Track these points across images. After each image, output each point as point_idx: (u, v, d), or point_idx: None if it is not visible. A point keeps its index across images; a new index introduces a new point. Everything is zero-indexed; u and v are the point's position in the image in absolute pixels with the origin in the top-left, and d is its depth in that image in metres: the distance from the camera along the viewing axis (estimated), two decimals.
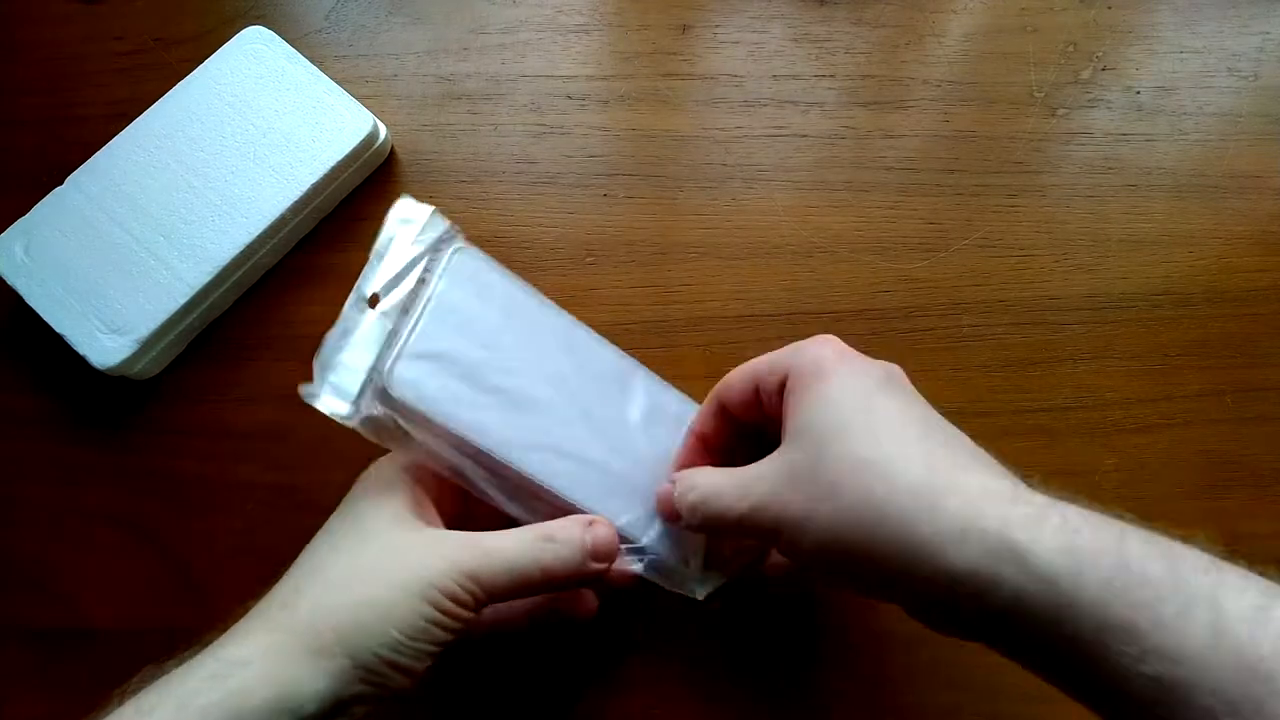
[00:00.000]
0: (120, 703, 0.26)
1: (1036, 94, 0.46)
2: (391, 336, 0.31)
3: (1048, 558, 0.23)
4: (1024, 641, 0.24)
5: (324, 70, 0.43)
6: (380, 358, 0.31)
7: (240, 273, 0.41)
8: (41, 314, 0.39)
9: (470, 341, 0.32)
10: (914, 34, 0.47)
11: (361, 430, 0.30)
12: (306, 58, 0.44)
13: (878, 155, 0.45)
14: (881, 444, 0.26)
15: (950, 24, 0.48)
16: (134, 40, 0.47)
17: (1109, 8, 0.48)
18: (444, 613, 0.27)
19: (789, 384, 0.29)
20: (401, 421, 0.30)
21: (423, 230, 0.34)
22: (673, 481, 0.32)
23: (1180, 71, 0.46)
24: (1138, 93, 0.46)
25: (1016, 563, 0.23)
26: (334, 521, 0.30)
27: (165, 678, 0.26)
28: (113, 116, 0.43)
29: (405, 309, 0.32)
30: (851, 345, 0.42)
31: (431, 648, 0.27)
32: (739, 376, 0.32)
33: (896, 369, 0.30)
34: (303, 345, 0.42)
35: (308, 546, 0.30)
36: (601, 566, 0.30)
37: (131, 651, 0.38)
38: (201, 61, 0.43)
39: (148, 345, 0.40)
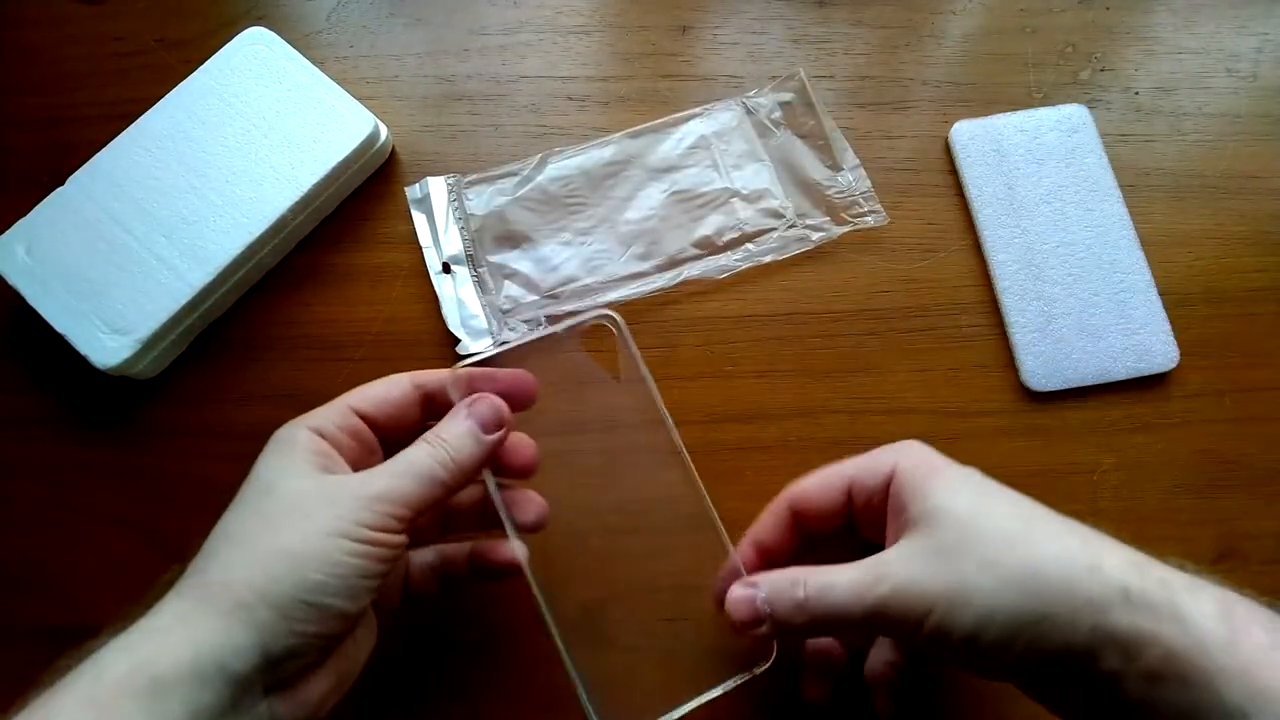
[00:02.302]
0: (48, 684, 0.26)
1: (1035, 94, 0.46)
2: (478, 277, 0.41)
3: (1207, 623, 0.24)
4: (1163, 708, 0.24)
5: (325, 71, 0.43)
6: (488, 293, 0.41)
7: (242, 273, 0.42)
8: (43, 314, 0.39)
9: None
10: (913, 34, 0.47)
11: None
12: (307, 58, 0.44)
13: (877, 156, 0.45)
14: (1022, 517, 0.28)
15: (949, 25, 0.48)
16: (135, 41, 0.47)
17: (1107, 9, 0.48)
18: (365, 542, 0.27)
19: (899, 478, 0.30)
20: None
21: (432, 195, 0.43)
22: (751, 584, 0.30)
23: (1179, 72, 0.47)
24: (1136, 93, 0.46)
25: (1177, 624, 0.24)
26: (243, 487, 0.30)
27: (85, 656, 0.26)
28: (114, 117, 0.43)
29: (469, 255, 0.42)
30: (851, 345, 0.43)
31: (366, 581, 0.27)
32: (821, 483, 0.32)
33: None
34: (304, 345, 0.42)
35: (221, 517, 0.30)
36: (496, 436, 0.31)
37: None
38: (203, 62, 0.44)
39: (149, 345, 0.40)
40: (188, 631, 0.25)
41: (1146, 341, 0.42)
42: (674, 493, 0.35)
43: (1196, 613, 0.24)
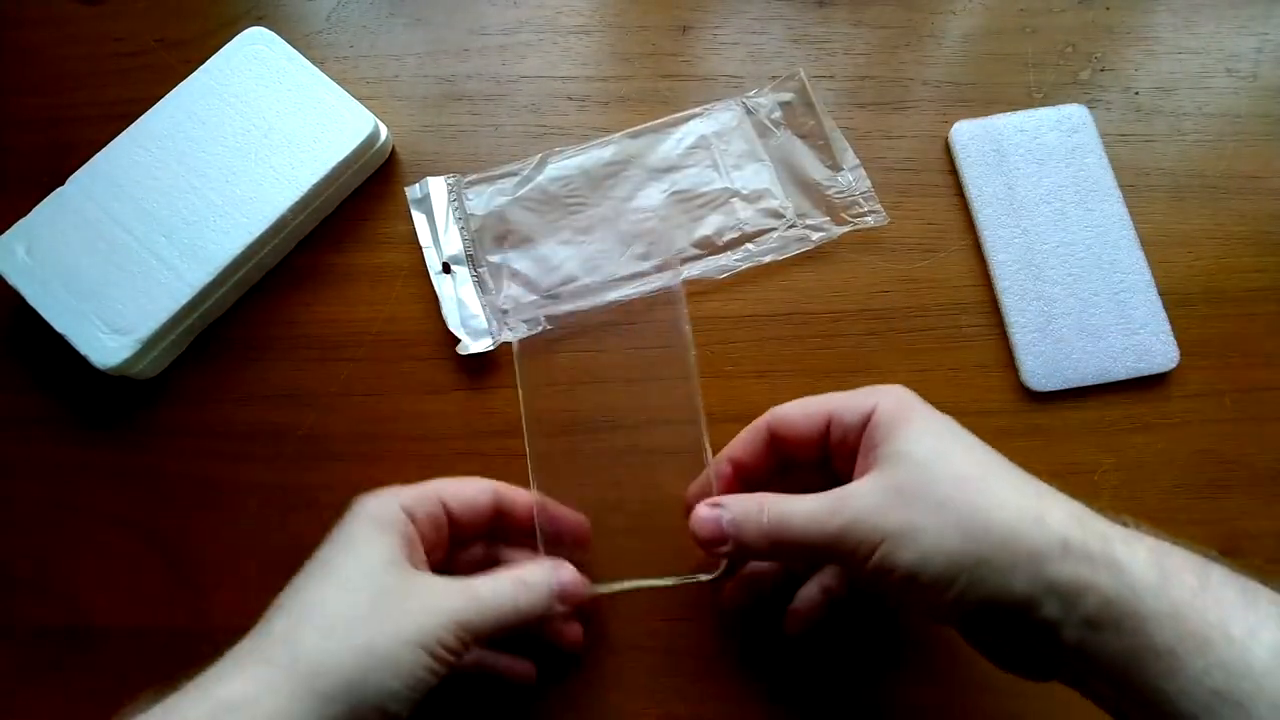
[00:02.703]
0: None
1: (1035, 94, 0.46)
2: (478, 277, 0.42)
3: (1141, 571, 0.26)
4: (1098, 653, 0.26)
5: (325, 71, 0.44)
6: (488, 293, 0.42)
7: (241, 273, 0.42)
8: (43, 314, 0.39)
9: None
10: (913, 35, 0.47)
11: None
12: (307, 58, 0.44)
13: (877, 156, 0.45)
14: (981, 466, 0.29)
15: (949, 25, 0.48)
16: (135, 41, 0.47)
17: (1107, 9, 0.48)
18: (439, 660, 0.28)
19: (876, 418, 0.31)
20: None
21: (432, 195, 0.43)
22: (717, 504, 0.32)
23: (1178, 72, 0.47)
24: (1136, 93, 0.46)
25: (1113, 573, 0.26)
26: (329, 552, 0.30)
27: (162, 711, 0.26)
28: (114, 117, 0.43)
29: (469, 254, 0.42)
30: (851, 345, 0.43)
31: (420, 694, 0.28)
32: (802, 411, 0.33)
33: None
34: (304, 345, 0.42)
35: (302, 574, 0.30)
36: (566, 608, 0.33)
37: (131, 651, 0.38)
38: (203, 62, 0.44)
39: (149, 345, 0.40)
40: (274, 708, 0.26)
41: (1146, 341, 0.42)
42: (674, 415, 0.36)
43: (1130, 561, 0.26)
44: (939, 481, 0.28)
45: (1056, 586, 0.26)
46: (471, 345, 0.41)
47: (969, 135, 0.45)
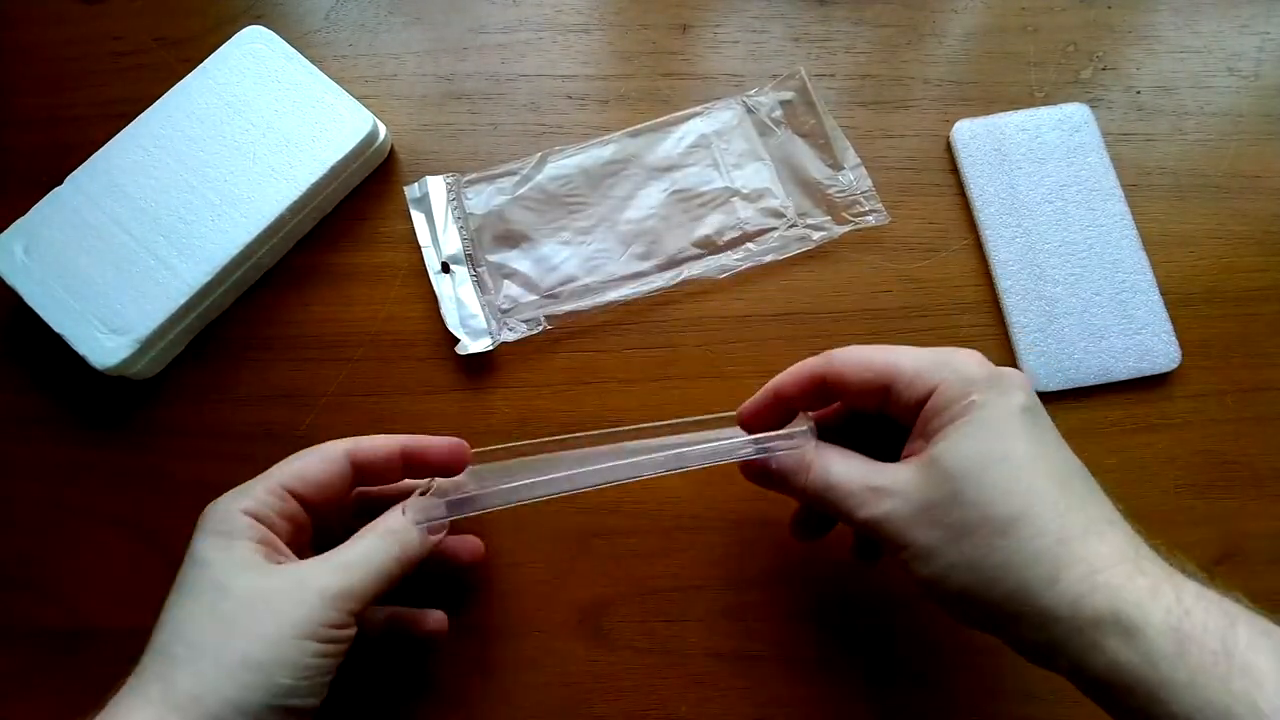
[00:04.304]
0: None
1: (1037, 94, 0.46)
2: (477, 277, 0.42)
3: (1154, 636, 0.24)
4: (1117, 706, 0.25)
5: (323, 70, 0.43)
6: (487, 293, 0.41)
7: (240, 272, 0.41)
8: (41, 314, 0.39)
9: None
10: (914, 34, 0.47)
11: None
12: (306, 57, 0.44)
13: (878, 155, 0.45)
14: (1014, 499, 0.27)
15: (950, 24, 0.48)
16: (134, 40, 0.47)
17: (1109, 8, 0.48)
18: (329, 641, 0.28)
19: (935, 401, 0.29)
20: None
21: (431, 195, 0.43)
22: (768, 449, 0.32)
23: (1180, 71, 0.46)
24: (1138, 92, 0.46)
25: (1123, 636, 0.24)
26: (185, 575, 0.29)
27: None
28: (112, 116, 0.43)
29: (468, 254, 0.42)
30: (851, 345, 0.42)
31: (327, 676, 0.28)
32: (860, 372, 0.31)
33: (1035, 398, 0.30)
34: (302, 345, 0.42)
35: (165, 606, 0.29)
36: (437, 538, 0.33)
37: (131, 651, 0.38)
38: (201, 61, 0.43)
39: (147, 345, 0.39)
40: None
41: (1148, 341, 0.42)
42: None
43: (1145, 625, 0.24)
44: (968, 508, 0.27)
45: (1065, 648, 0.25)
46: (470, 345, 0.41)
47: (970, 134, 0.45)
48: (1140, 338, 0.42)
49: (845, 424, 0.34)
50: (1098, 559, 0.26)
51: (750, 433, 0.33)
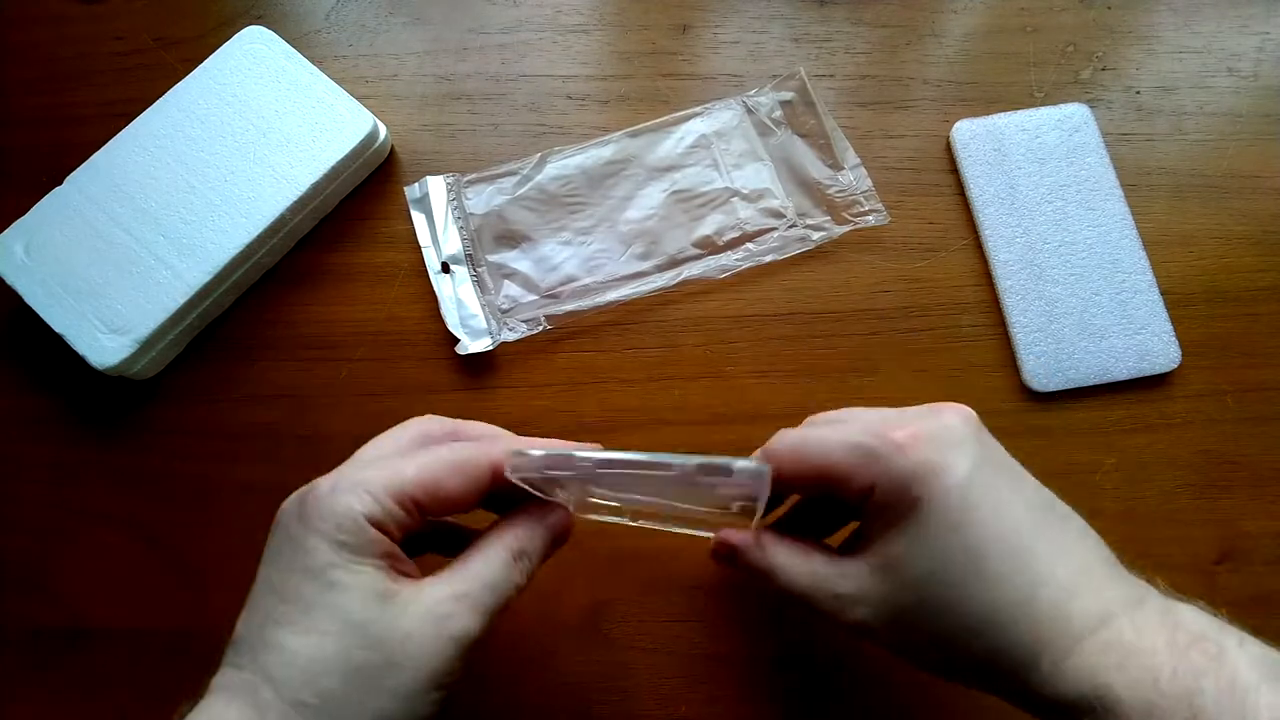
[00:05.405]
0: None
1: (1036, 94, 0.46)
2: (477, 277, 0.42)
3: (1125, 711, 0.24)
4: None
5: (324, 70, 0.43)
6: (487, 293, 0.41)
7: (240, 272, 0.41)
8: (41, 314, 0.39)
9: None
10: (914, 34, 0.47)
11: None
12: (306, 57, 0.44)
13: (878, 155, 0.45)
14: (979, 599, 0.26)
15: (950, 24, 0.48)
16: (134, 40, 0.47)
17: (1109, 8, 0.48)
18: (453, 685, 0.26)
19: (876, 501, 0.27)
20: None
21: (431, 195, 0.43)
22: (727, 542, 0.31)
23: (1180, 71, 0.47)
24: (1138, 93, 0.46)
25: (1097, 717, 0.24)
26: (301, 588, 0.26)
27: None
28: (112, 116, 0.43)
29: (468, 254, 0.42)
30: (851, 345, 0.42)
31: (439, 707, 0.26)
32: (796, 460, 0.28)
33: (974, 428, 0.28)
34: (303, 345, 0.42)
35: (267, 613, 0.26)
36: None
37: (131, 651, 0.38)
38: (201, 61, 0.43)
39: (147, 345, 0.39)
40: None
41: (1148, 341, 0.42)
42: None
43: (1117, 703, 0.24)
44: (936, 617, 0.26)
45: (1038, 704, 0.26)
46: (470, 345, 0.41)
47: (970, 134, 0.45)
48: (1140, 338, 0.42)
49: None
50: (1071, 633, 0.25)
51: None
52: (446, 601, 0.26)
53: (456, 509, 0.28)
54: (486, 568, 0.27)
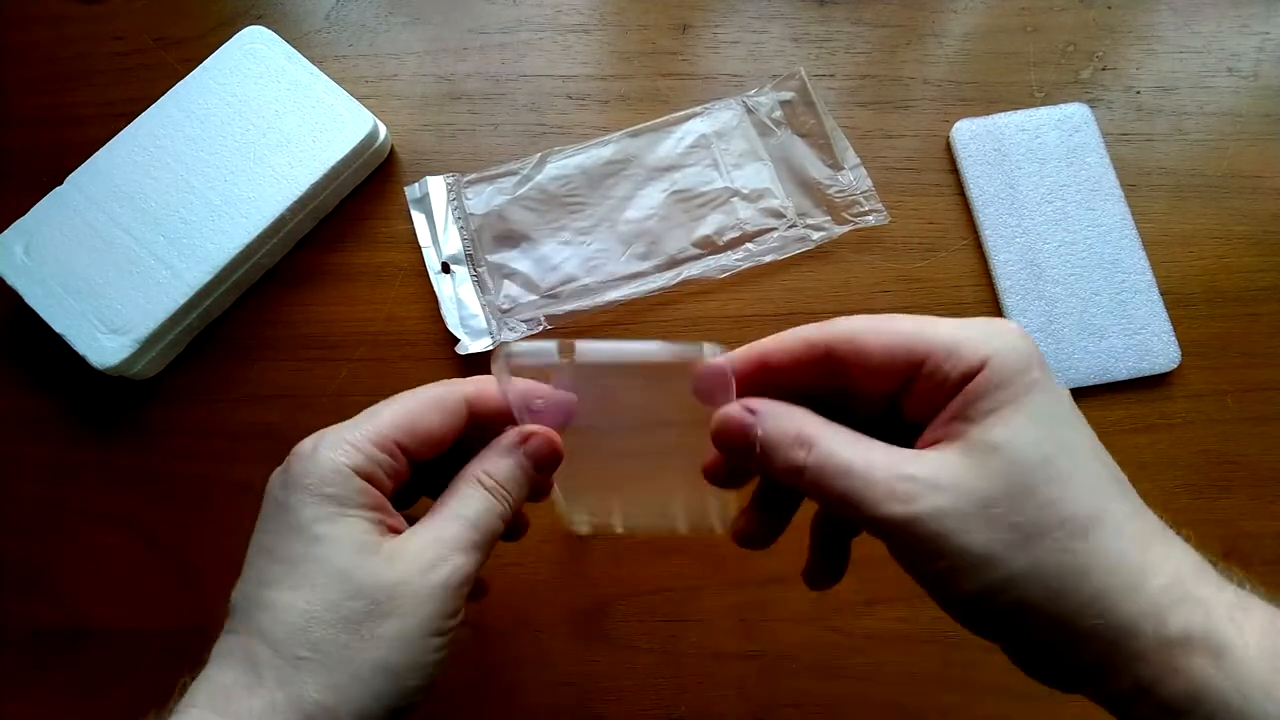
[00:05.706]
0: None
1: (1036, 94, 0.46)
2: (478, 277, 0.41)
3: (1248, 659, 0.21)
4: None
5: (324, 70, 0.43)
6: (487, 293, 0.41)
7: (240, 273, 0.41)
8: (41, 314, 0.39)
9: None
10: (914, 34, 0.47)
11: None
12: (306, 57, 0.44)
13: (878, 155, 0.45)
14: (1087, 498, 0.23)
15: (950, 24, 0.48)
16: (134, 40, 0.47)
17: (1109, 8, 0.48)
18: (450, 631, 0.26)
19: (986, 377, 0.23)
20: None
21: (431, 195, 0.43)
22: (752, 410, 0.26)
23: (1180, 71, 0.47)
24: (1138, 93, 0.46)
25: (1211, 656, 0.21)
26: (291, 546, 0.26)
27: None
28: (112, 116, 0.43)
29: (468, 254, 0.42)
30: None
31: (443, 666, 0.26)
32: (884, 344, 0.25)
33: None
34: (303, 345, 0.42)
35: (259, 572, 0.26)
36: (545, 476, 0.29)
37: (131, 651, 0.38)
38: (201, 61, 0.43)
39: (147, 345, 0.39)
40: None
41: (1148, 341, 0.42)
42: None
43: (1237, 644, 0.21)
44: (1041, 506, 0.22)
45: (1136, 667, 0.22)
46: (471, 345, 0.41)
47: (970, 134, 0.45)
48: (1140, 338, 0.42)
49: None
50: (1178, 567, 0.23)
51: (733, 413, 0.26)
52: (430, 547, 0.26)
53: (440, 447, 0.28)
54: (462, 505, 0.27)
